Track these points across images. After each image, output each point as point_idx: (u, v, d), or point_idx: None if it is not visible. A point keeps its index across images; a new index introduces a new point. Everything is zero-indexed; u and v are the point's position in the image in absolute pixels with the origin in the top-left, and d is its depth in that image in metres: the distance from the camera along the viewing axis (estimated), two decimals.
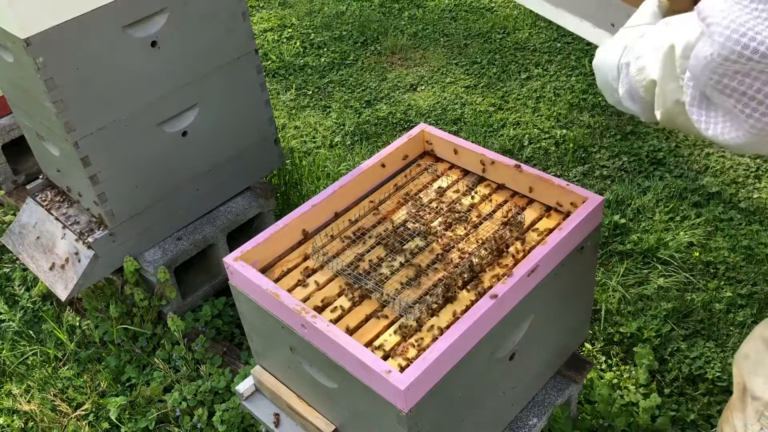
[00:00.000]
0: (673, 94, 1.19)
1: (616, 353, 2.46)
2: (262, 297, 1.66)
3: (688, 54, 1.13)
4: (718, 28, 1.02)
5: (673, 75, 1.18)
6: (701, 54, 1.06)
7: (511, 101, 3.73)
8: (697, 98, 1.11)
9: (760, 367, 1.35)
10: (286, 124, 3.84)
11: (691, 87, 1.11)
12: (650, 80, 1.24)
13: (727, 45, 1.00)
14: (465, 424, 1.66)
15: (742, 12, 1.00)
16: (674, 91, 1.18)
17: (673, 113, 1.21)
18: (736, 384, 1.45)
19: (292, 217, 1.82)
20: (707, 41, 1.05)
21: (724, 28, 1.01)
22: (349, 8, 4.77)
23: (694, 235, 2.81)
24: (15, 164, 3.36)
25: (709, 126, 1.11)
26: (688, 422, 2.22)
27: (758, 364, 1.35)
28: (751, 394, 1.37)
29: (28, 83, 2.21)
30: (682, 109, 1.18)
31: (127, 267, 2.52)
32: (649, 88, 1.25)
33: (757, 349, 1.36)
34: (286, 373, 1.82)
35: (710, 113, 1.11)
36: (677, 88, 1.17)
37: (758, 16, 0.98)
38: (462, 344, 1.49)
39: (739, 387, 1.43)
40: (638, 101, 1.30)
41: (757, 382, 1.35)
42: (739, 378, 1.43)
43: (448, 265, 1.71)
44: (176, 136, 2.49)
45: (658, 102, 1.24)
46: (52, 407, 2.52)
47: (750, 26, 0.98)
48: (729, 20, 1.01)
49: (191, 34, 2.39)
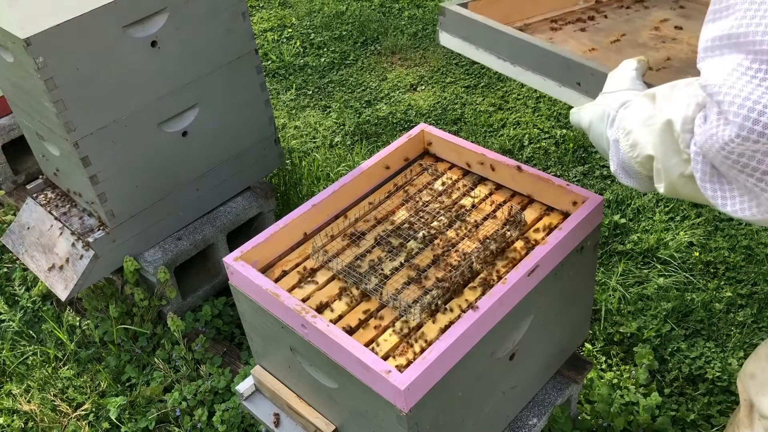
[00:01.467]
0: (676, 168, 1.16)
1: (616, 353, 2.46)
2: (262, 297, 1.66)
3: (688, 128, 1.10)
4: (732, 107, 0.96)
5: (675, 149, 1.15)
6: (713, 133, 1.01)
7: (511, 101, 3.73)
8: (708, 173, 1.07)
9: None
10: (286, 124, 3.84)
11: (700, 162, 1.07)
12: (646, 156, 1.22)
13: (746, 125, 0.94)
14: (465, 424, 1.66)
15: (754, 86, 0.94)
16: (677, 165, 1.16)
17: (678, 186, 1.19)
18: (742, 401, 1.45)
19: (292, 217, 1.82)
20: (720, 121, 0.99)
21: (739, 107, 0.95)
22: (349, 8, 4.77)
23: (694, 235, 2.81)
24: (15, 164, 3.36)
25: (727, 202, 1.06)
26: (688, 422, 2.22)
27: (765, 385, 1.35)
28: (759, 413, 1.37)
29: (28, 83, 2.21)
30: (687, 181, 1.15)
31: (127, 267, 2.52)
32: (645, 163, 1.24)
33: (764, 368, 1.36)
34: (286, 373, 1.82)
35: (725, 188, 1.06)
36: (680, 162, 1.15)
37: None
38: (462, 344, 1.49)
39: (746, 404, 1.43)
40: (634, 176, 1.30)
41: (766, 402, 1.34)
42: (745, 395, 1.42)
43: (448, 265, 1.71)
44: (176, 136, 2.49)
45: (658, 176, 1.22)
46: (52, 407, 2.52)
47: (765, 102, 0.92)
48: (742, 98, 0.94)
49: (191, 34, 2.39)
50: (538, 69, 1.69)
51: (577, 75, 1.60)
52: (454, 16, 1.83)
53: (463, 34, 1.83)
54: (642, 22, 2.01)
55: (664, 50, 1.85)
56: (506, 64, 1.76)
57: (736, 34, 0.97)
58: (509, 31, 1.74)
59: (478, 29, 1.79)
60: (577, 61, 1.61)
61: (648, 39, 1.91)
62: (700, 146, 1.06)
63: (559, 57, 1.64)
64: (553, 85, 1.67)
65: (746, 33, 0.95)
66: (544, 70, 1.68)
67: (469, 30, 1.81)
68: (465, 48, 1.84)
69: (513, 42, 1.72)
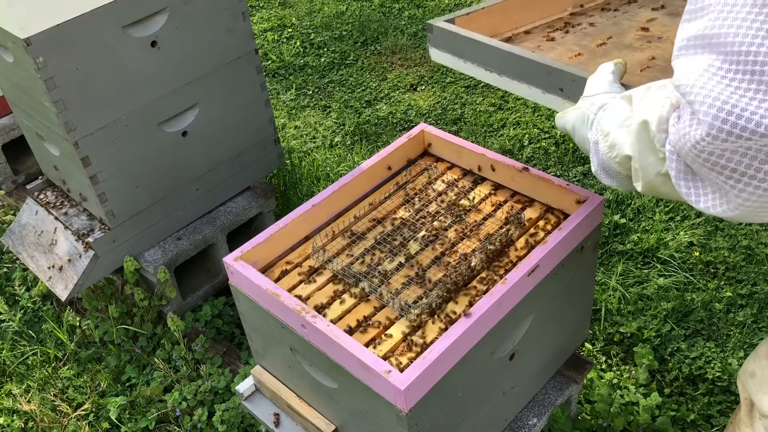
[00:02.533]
0: (653, 167, 1.20)
1: (616, 353, 2.46)
2: (262, 297, 1.66)
3: (663, 128, 1.13)
4: (702, 107, 0.98)
5: (651, 149, 1.19)
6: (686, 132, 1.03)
7: (511, 101, 3.73)
8: (683, 171, 1.10)
9: None
10: (286, 124, 3.84)
11: (674, 161, 1.11)
12: (624, 156, 1.26)
13: (715, 124, 0.97)
14: (465, 424, 1.66)
15: (723, 87, 0.96)
16: (654, 163, 1.20)
17: (655, 184, 1.23)
18: (743, 400, 1.45)
19: (292, 217, 1.82)
20: (692, 121, 1.02)
21: (708, 107, 0.97)
22: (349, 8, 4.77)
23: (694, 235, 2.81)
24: (15, 164, 3.36)
25: (699, 199, 1.10)
26: (688, 422, 2.22)
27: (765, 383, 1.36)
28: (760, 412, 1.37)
29: (28, 83, 2.21)
30: (664, 180, 1.19)
31: (127, 267, 2.52)
32: (624, 163, 1.28)
33: (764, 367, 1.37)
34: (286, 373, 1.82)
35: (698, 186, 1.10)
36: (657, 161, 1.19)
37: (738, 88, 0.94)
38: (462, 344, 1.49)
39: (747, 403, 1.44)
40: (614, 176, 1.34)
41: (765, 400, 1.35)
42: (745, 395, 1.43)
43: (448, 264, 1.71)
44: (176, 136, 2.49)
45: (636, 176, 1.26)
46: (52, 407, 2.52)
47: (734, 102, 0.94)
48: (712, 98, 0.97)
49: (191, 34, 2.39)
50: (523, 77, 1.75)
51: (559, 81, 1.66)
52: (442, 32, 1.89)
53: (451, 49, 1.89)
54: (629, 24, 2.04)
55: (649, 50, 1.89)
56: (493, 74, 1.83)
57: (709, 35, 0.99)
58: (493, 43, 1.81)
59: (465, 43, 1.85)
60: (557, 68, 1.66)
61: (634, 40, 1.95)
62: (673, 145, 1.09)
63: (541, 65, 1.69)
64: (538, 92, 1.73)
65: (718, 34, 0.97)
66: (529, 78, 1.74)
67: (456, 45, 1.87)
68: (454, 62, 1.90)
69: (497, 53, 1.78)
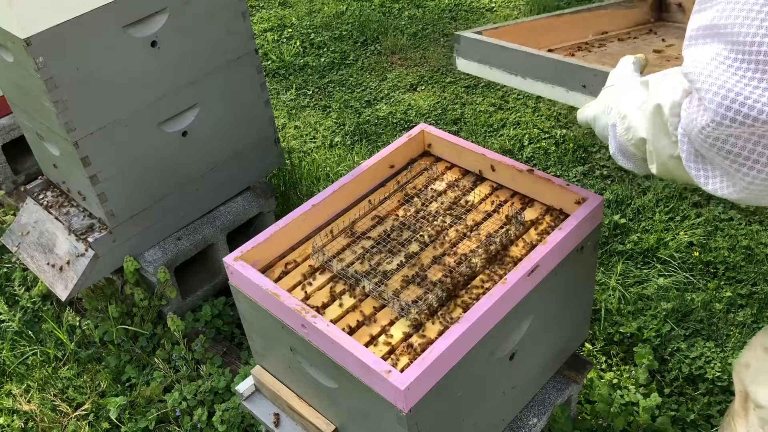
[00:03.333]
0: (666, 150, 1.25)
1: (616, 353, 2.46)
2: (262, 297, 1.66)
3: (676, 112, 1.18)
4: (708, 94, 1.02)
5: (665, 132, 1.23)
6: (694, 118, 1.08)
7: (511, 101, 3.73)
8: (693, 154, 1.14)
9: (762, 376, 1.36)
10: (286, 124, 3.84)
11: (685, 143, 1.14)
12: (639, 138, 1.30)
13: (719, 111, 1.01)
14: (465, 424, 1.66)
15: (729, 75, 1.00)
16: (667, 146, 1.24)
17: (668, 166, 1.27)
18: (738, 392, 1.45)
19: (292, 217, 1.82)
20: (700, 107, 1.06)
21: (714, 95, 1.01)
22: (349, 8, 4.77)
23: (694, 235, 2.81)
24: (15, 164, 3.36)
25: (708, 181, 1.14)
26: (688, 422, 2.22)
27: (759, 373, 1.36)
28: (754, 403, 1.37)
29: (28, 83, 2.21)
30: (677, 163, 1.23)
31: (127, 267, 2.52)
32: (639, 145, 1.32)
33: (758, 357, 1.37)
34: (286, 373, 1.82)
35: (707, 168, 1.14)
36: (670, 144, 1.23)
37: (743, 77, 0.98)
38: (462, 344, 1.49)
39: (741, 395, 1.44)
40: (630, 158, 1.38)
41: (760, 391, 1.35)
42: (740, 386, 1.43)
43: (448, 264, 1.71)
44: (176, 136, 2.49)
45: (650, 158, 1.30)
46: (52, 407, 2.52)
47: (738, 90, 0.98)
48: (717, 86, 1.01)
49: (191, 34, 2.39)
50: (547, 78, 1.85)
51: (582, 78, 1.74)
52: (470, 42, 2.00)
53: (478, 58, 1.99)
54: (648, 48, 2.16)
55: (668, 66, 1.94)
56: (518, 78, 1.92)
57: (717, 25, 1.03)
58: (518, 48, 1.91)
59: (492, 50, 1.96)
60: (581, 65, 1.75)
61: (652, 59, 2.04)
62: (684, 129, 1.13)
63: (565, 64, 1.78)
64: (561, 91, 1.82)
65: (726, 24, 1.01)
66: (552, 78, 1.83)
67: (483, 52, 1.98)
68: (480, 69, 2.01)
69: (522, 57, 1.89)
